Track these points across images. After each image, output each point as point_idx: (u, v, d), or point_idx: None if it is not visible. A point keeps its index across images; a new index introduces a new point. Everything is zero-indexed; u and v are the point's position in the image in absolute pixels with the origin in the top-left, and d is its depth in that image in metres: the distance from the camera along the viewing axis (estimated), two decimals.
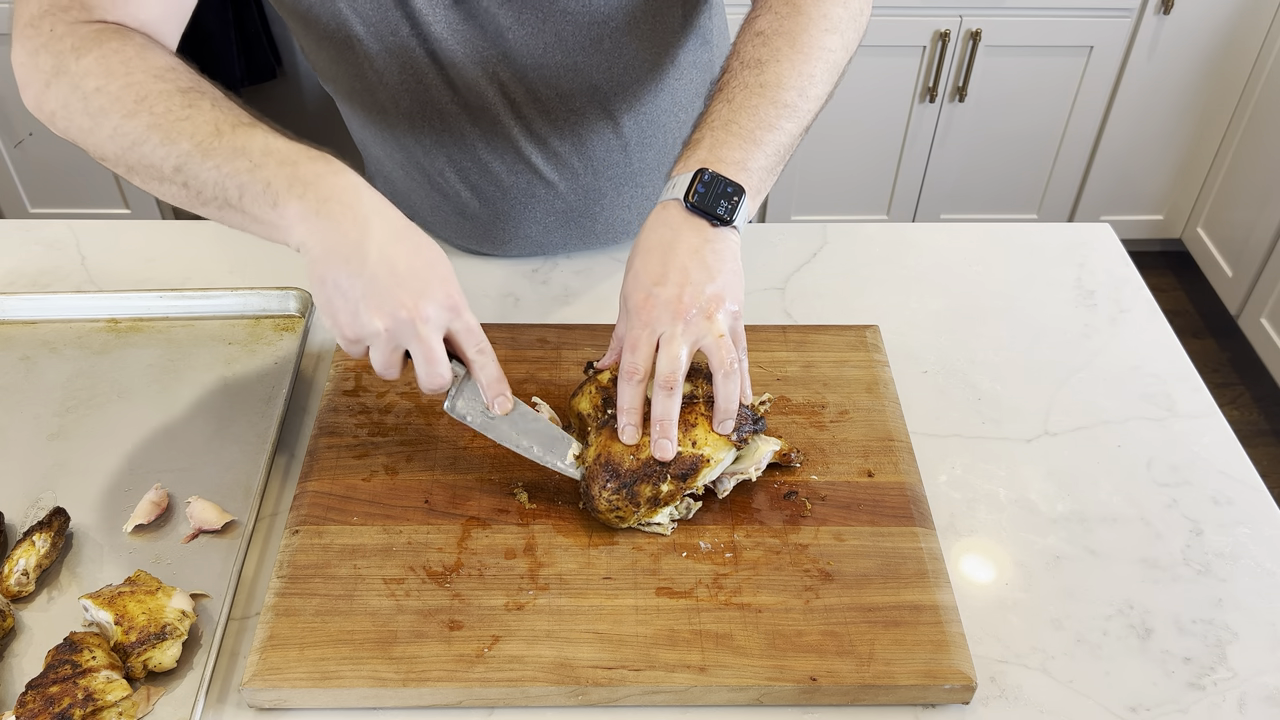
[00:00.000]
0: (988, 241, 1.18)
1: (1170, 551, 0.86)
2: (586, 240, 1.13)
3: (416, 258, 0.73)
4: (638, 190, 1.12)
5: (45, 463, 0.91)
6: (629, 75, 1.02)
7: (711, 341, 0.77)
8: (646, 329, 0.78)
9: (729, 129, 0.82)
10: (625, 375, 0.78)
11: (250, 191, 0.73)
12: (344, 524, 0.83)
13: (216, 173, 0.73)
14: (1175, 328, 1.08)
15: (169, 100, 0.75)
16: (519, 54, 0.96)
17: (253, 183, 0.72)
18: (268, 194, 0.72)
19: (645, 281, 0.78)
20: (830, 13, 0.88)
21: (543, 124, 1.02)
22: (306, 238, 0.72)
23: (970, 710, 0.75)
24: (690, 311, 0.77)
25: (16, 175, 2.40)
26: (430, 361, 0.75)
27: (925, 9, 2.22)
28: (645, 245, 0.80)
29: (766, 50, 0.85)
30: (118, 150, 0.76)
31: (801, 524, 0.84)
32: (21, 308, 1.04)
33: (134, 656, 0.73)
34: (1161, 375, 1.02)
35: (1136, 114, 2.41)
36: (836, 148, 2.41)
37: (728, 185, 0.79)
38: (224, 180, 0.73)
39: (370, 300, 0.72)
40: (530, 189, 1.07)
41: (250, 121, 0.75)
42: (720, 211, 0.79)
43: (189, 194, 0.76)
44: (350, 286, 0.72)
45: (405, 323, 0.73)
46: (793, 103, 0.84)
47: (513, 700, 0.74)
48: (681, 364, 0.77)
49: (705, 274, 0.78)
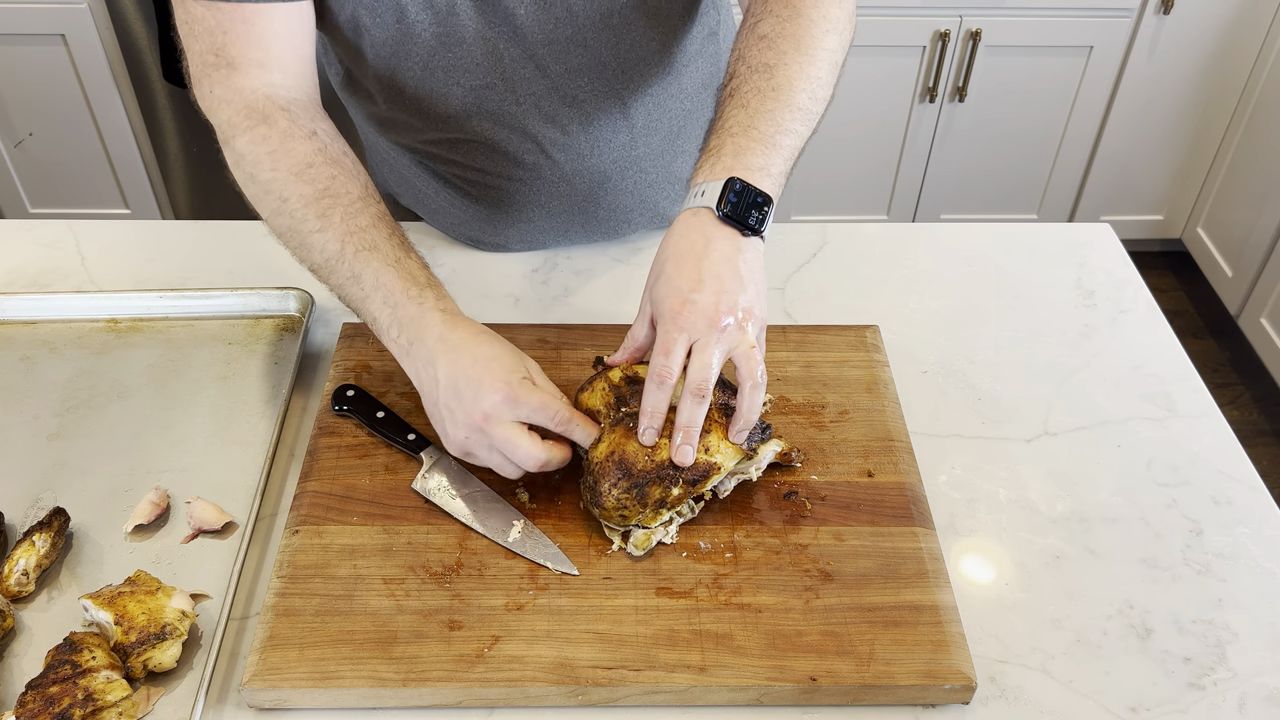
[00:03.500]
0: (988, 241, 1.18)
1: (1170, 551, 0.86)
2: (589, 228, 1.14)
3: (473, 368, 0.80)
4: (641, 176, 1.12)
5: (45, 463, 0.91)
6: (636, 54, 1.02)
7: (743, 352, 0.78)
8: (683, 334, 0.77)
9: (749, 134, 0.83)
10: (656, 379, 0.78)
11: (365, 315, 0.86)
12: (344, 524, 0.83)
13: (340, 290, 0.87)
14: (1175, 328, 1.08)
15: (305, 209, 0.86)
16: (528, 30, 0.96)
17: (365, 311, 0.86)
18: (375, 326, 0.85)
19: (681, 286, 0.78)
20: (829, 13, 0.90)
21: (549, 103, 1.02)
22: (408, 372, 0.84)
23: (970, 710, 0.75)
24: (726, 320, 0.77)
25: (16, 175, 2.40)
26: (513, 449, 0.80)
27: (925, 9, 2.22)
28: (677, 250, 0.80)
29: (773, 54, 0.87)
30: (270, 231, 0.90)
31: (801, 524, 0.84)
32: (21, 308, 1.04)
33: (134, 656, 0.73)
34: (1161, 375, 1.02)
35: (1136, 114, 2.41)
36: (836, 148, 2.41)
37: (758, 195, 0.80)
38: (346, 298, 0.87)
39: (449, 422, 0.81)
40: (535, 171, 1.07)
41: (371, 244, 0.85)
42: (752, 222, 0.80)
43: (330, 289, 0.88)
44: (437, 412, 0.82)
45: (475, 428, 0.80)
46: (805, 105, 0.86)
47: (513, 700, 0.74)
48: (713, 372, 0.77)
49: (739, 284, 0.78)
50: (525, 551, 0.81)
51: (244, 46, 0.88)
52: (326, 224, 0.85)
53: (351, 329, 1.00)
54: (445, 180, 1.10)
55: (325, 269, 0.86)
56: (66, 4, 2.12)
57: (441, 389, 0.80)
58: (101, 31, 2.16)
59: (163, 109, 2.28)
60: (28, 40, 2.17)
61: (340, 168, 0.88)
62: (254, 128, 0.88)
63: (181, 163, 2.38)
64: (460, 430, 0.80)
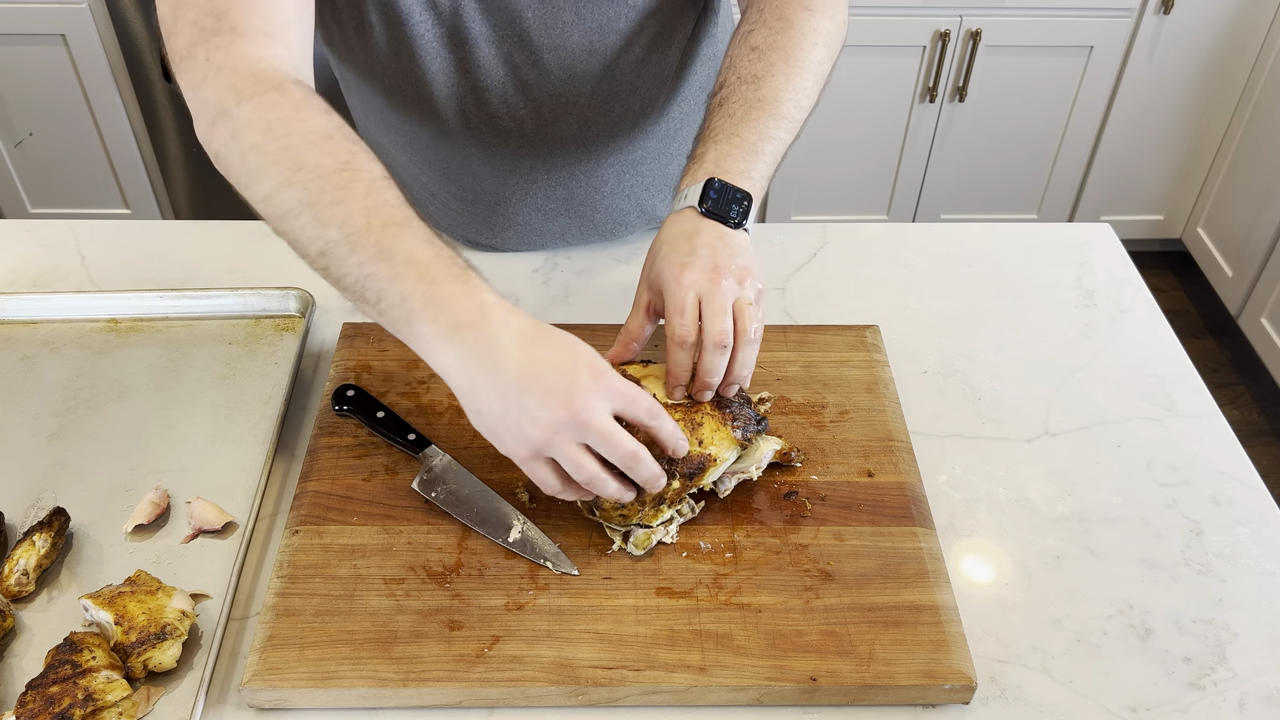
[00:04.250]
0: (988, 241, 1.18)
1: (1170, 551, 0.86)
2: (585, 231, 1.14)
3: (559, 353, 0.71)
4: (637, 179, 1.12)
5: (45, 463, 0.91)
6: (638, 61, 1.02)
7: (741, 306, 0.81)
8: (690, 291, 0.80)
9: (732, 142, 0.87)
10: (678, 340, 0.80)
11: (388, 300, 0.72)
12: (344, 524, 0.83)
13: (359, 271, 0.73)
14: (1175, 328, 1.08)
15: (324, 178, 0.74)
16: (536, 33, 0.96)
17: (391, 292, 0.72)
18: (403, 308, 0.72)
19: (679, 257, 0.82)
20: (819, 27, 0.93)
21: (552, 107, 1.02)
22: (446, 366, 0.72)
23: (970, 710, 0.75)
24: (726, 276, 0.81)
25: (16, 175, 2.40)
26: (615, 443, 0.72)
27: (925, 9, 2.22)
28: (669, 236, 0.84)
29: (762, 65, 0.90)
30: (268, 215, 0.77)
31: (801, 524, 0.84)
32: (21, 308, 1.04)
33: (134, 656, 0.73)
34: (1161, 375, 1.02)
35: (1136, 114, 2.41)
36: (836, 148, 2.41)
37: (736, 192, 0.84)
38: (365, 280, 0.73)
39: (528, 415, 0.70)
40: (533, 173, 1.08)
41: (401, 219, 0.74)
42: (732, 215, 0.84)
43: (330, 278, 0.75)
44: (505, 409, 0.71)
45: (568, 423, 0.70)
46: (788, 114, 0.89)
47: (513, 700, 0.74)
48: (727, 319, 0.80)
49: (731, 252, 0.83)
50: (525, 551, 0.81)
51: (248, 12, 0.79)
52: (348, 195, 0.74)
53: (352, 329, 1.00)
54: (446, 177, 1.10)
55: (344, 245, 0.73)
56: (66, 4, 2.12)
57: (514, 379, 0.70)
58: (101, 31, 2.16)
59: (163, 109, 2.28)
60: (28, 40, 2.17)
61: (360, 147, 0.78)
62: (263, 94, 0.77)
63: (181, 163, 2.38)
64: (541, 429, 0.70)
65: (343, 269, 0.74)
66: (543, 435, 0.71)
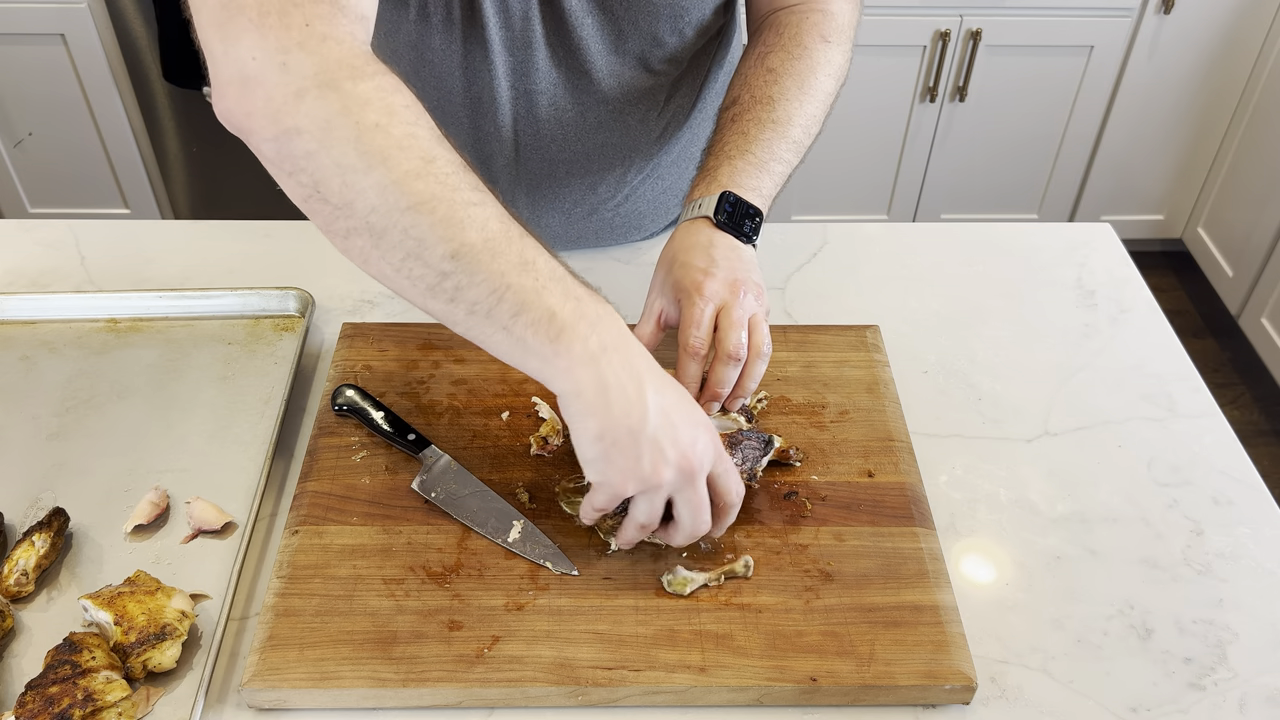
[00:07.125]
0: (988, 241, 1.18)
1: (1170, 552, 0.86)
2: (601, 235, 1.14)
3: (685, 406, 0.73)
4: (658, 183, 1.13)
5: (45, 463, 0.90)
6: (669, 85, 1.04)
7: (756, 320, 0.84)
8: (709, 304, 0.83)
9: (745, 158, 0.90)
10: (690, 352, 0.83)
11: (529, 315, 0.67)
12: (344, 524, 0.83)
13: (499, 280, 0.67)
14: (1175, 328, 1.08)
15: (459, 176, 0.67)
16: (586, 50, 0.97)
17: (535, 306, 0.67)
18: (551, 325, 0.67)
19: (698, 268, 0.85)
20: (833, 58, 0.97)
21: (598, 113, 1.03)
22: (581, 385, 0.69)
23: (970, 710, 0.75)
24: (745, 290, 0.84)
25: (16, 175, 2.40)
26: (698, 510, 0.74)
27: (925, 9, 2.22)
28: (683, 246, 0.87)
29: (777, 89, 0.94)
30: (382, 206, 0.66)
31: (801, 524, 0.84)
32: (21, 308, 1.04)
33: (134, 657, 0.73)
34: (1162, 375, 1.02)
35: (1136, 114, 2.41)
36: (836, 148, 2.41)
37: (749, 208, 0.88)
38: (503, 292, 0.67)
39: (658, 454, 0.70)
40: (567, 179, 1.08)
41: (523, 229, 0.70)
42: (746, 229, 0.88)
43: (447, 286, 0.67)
44: (635, 441, 0.70)
45: (687, 472, 0.72)
46: (798, 139, 0.94)
47: (513, 700, 0.74)
48: (743, 334, 0.83)
49: (745, 268, 0.86)
50: (525, 551, 0.81)
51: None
52: (484, 198, 0.68)
53: (351, 329, 1.00)
54: None
55: (484, 251, 0.66)
56: (66, 4, 2.12)
57: (653, 414, 0.69)
58: (101, 31, 2.16)
59: (163, 109, 2.28)
60: (28, 40, 2.17)
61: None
62: (380, 74, 0.68)
63: (181, 163, 2.38)
64: (669, 470, 0.71)
65: (475, 277, 0.67)
66: (668, 476, 0.71)
